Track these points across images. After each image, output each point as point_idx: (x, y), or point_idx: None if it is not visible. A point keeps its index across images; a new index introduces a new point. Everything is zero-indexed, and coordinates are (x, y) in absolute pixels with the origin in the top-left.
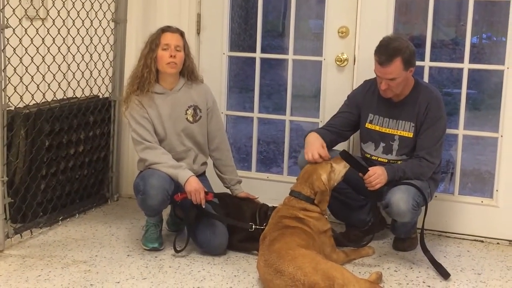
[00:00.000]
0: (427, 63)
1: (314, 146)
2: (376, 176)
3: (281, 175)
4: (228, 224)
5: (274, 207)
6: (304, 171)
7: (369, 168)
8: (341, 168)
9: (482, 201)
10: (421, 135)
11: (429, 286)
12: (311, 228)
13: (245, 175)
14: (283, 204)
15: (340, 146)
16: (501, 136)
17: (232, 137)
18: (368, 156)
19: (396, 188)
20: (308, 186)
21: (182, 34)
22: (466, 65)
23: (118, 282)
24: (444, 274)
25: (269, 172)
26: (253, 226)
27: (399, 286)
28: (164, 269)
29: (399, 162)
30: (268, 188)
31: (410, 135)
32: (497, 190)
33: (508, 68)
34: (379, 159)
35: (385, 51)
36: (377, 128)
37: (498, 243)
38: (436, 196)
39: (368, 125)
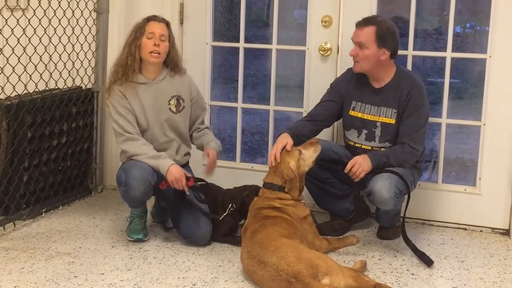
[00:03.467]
0: (410, 52)
1: (274, 149)
2: (358, 165)
3: (266, 165)
4: (212, 219)
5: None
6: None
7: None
8: (311, 153)
9: (465, 189)
10: (404, 122)
11: (413, 274)
12: (290, 216)
13: (229, 166)
14: (257, 197)
15: (324, 134)
16: (484, 124)
17: (216, 127)
18: (352, 143)
19: (379, 176)
20: (278, 175)
21: (168, 24)
22: (448, 54)
23: (103, 274)
24: (427, 261)
25: (253, 162)
26: (222, 215)
27: (383, 275)
28: (149, 260)
29: (382, 149)
30: (253, 178)
31: (393, 121)
32: (480, 178)
33: (490, 56)
34: (362, 146)
35: (365, 18)
36: (360, 115)
37: (481, 231)
38: (419, 185)
39: (351, 112)
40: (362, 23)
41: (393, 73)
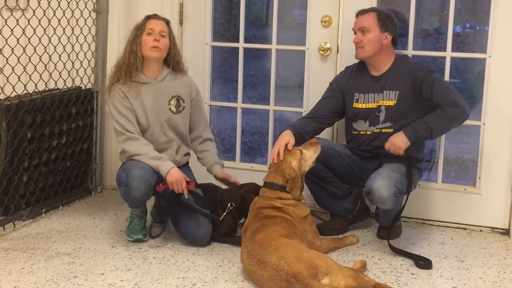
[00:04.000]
0: (410, 52)
1: (276, 146)
2: (393, 146)
3: (266, 165)
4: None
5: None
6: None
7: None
8: (311, 154)
9: (465, 189)
10: (432, 93)
11: (412, 274)
12: (291, 216)
13: (229, 166)
14: (258, 196)
15: (325, 133)
16: (484, 124)
17: (216, 127)
18: (356, 133)
19: (378, 175)
20: (279, 174)
21: (167, 22)
22: (448, 54)
23: (102, 274)
24: (427, 265)
25: (253, 162)
26: (222, 216)
27: (383, 274)
28: (149, 260)
29: (384, 130)
30: (253, 178)
31: (393, 102)
32: (479, 178)
33: (490, 56)
34: (367, 132)
35: (364, 9)
36: (363, 106)
37: (481, 231)
38: (419, 185)
39: (355, 105)
40: (363, 11)
41: (392, 59)
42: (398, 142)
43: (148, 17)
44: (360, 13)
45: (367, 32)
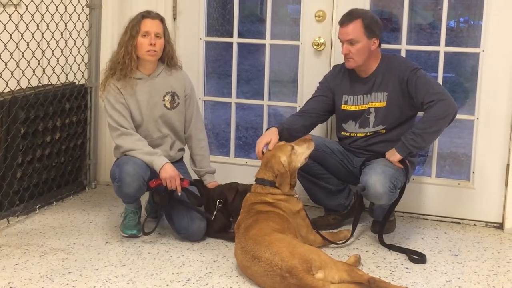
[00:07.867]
0: (403, 47)
1: (257, 145)
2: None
3: (259, 160)
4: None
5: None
6: (264, 156)
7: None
8: (303, 150)
9: (459, 183)
10: (415, 91)
11: (407, 268)
12: (283, 210)
13: (223, 161)
14: (250, 193)
15: (318, 129)
16: (477, 118)
17: (210, 122)
18: (347, 134)
19: (373, 170)
20: (269, 170)
21: (162, 20)
22: (442, 48)
23: (97, 269)
24: (421, 259)
25: (248, 157)
26: (213, 214)
27: (377, 269)
28: (143, 255)
29: (377, 131)
30: (247, 174)
31: (383, 104)
32: (473, 172)
33: (483, 50)
34: (357, 134)
35: (347, 15)
36: (353, 108)
37: (474, 225)
38: (413, 179)
39: (344, 107)
40: (346, 20)
41: (378, 61)
42: (391, 158)
43: (143, 16)
44: (345, 22)
45: (355, 43)
